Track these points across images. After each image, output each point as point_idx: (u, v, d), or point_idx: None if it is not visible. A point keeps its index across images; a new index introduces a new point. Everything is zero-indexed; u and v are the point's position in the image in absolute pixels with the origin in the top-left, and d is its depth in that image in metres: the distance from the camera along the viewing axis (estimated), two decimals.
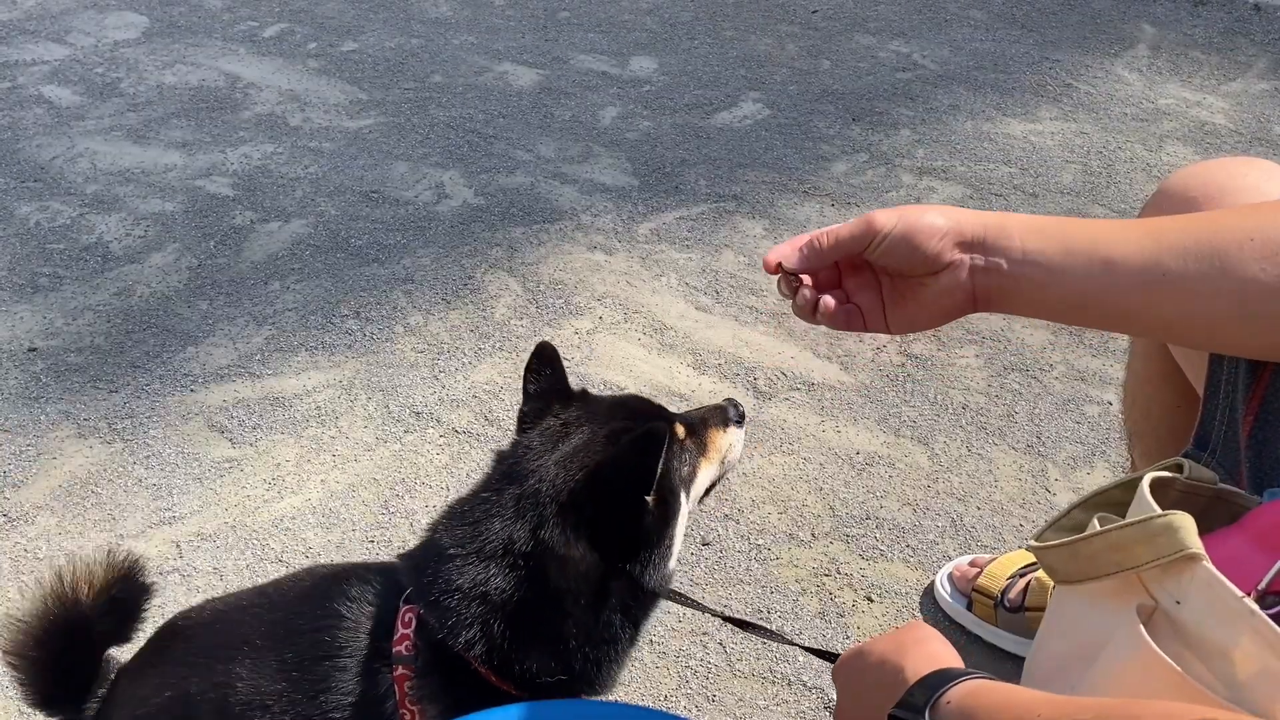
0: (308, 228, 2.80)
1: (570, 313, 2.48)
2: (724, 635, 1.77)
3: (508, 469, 1.17)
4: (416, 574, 1.14)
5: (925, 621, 1.78)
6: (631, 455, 1.08)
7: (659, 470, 1.07)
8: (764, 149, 3.10)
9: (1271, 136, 3.08)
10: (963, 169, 2.98)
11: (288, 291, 2.57)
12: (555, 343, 2.35)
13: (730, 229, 2.76)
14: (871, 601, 1.83)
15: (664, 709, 1.68)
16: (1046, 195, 2.86)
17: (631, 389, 2.26)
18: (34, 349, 2.40)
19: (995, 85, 3.40)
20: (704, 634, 1.77)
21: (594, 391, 1.29)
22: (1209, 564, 0.72)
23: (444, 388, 2.28)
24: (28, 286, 2.60)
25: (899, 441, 2.14)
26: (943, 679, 0.80)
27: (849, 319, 1.01)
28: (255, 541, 1.94)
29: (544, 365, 1.25)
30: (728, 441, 1.29)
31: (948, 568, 1.83)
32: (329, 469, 2.09)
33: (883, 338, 2.39)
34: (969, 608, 1.76)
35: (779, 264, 1.01)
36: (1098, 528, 0.81)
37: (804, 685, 1.70)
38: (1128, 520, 0.77)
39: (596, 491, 1.09)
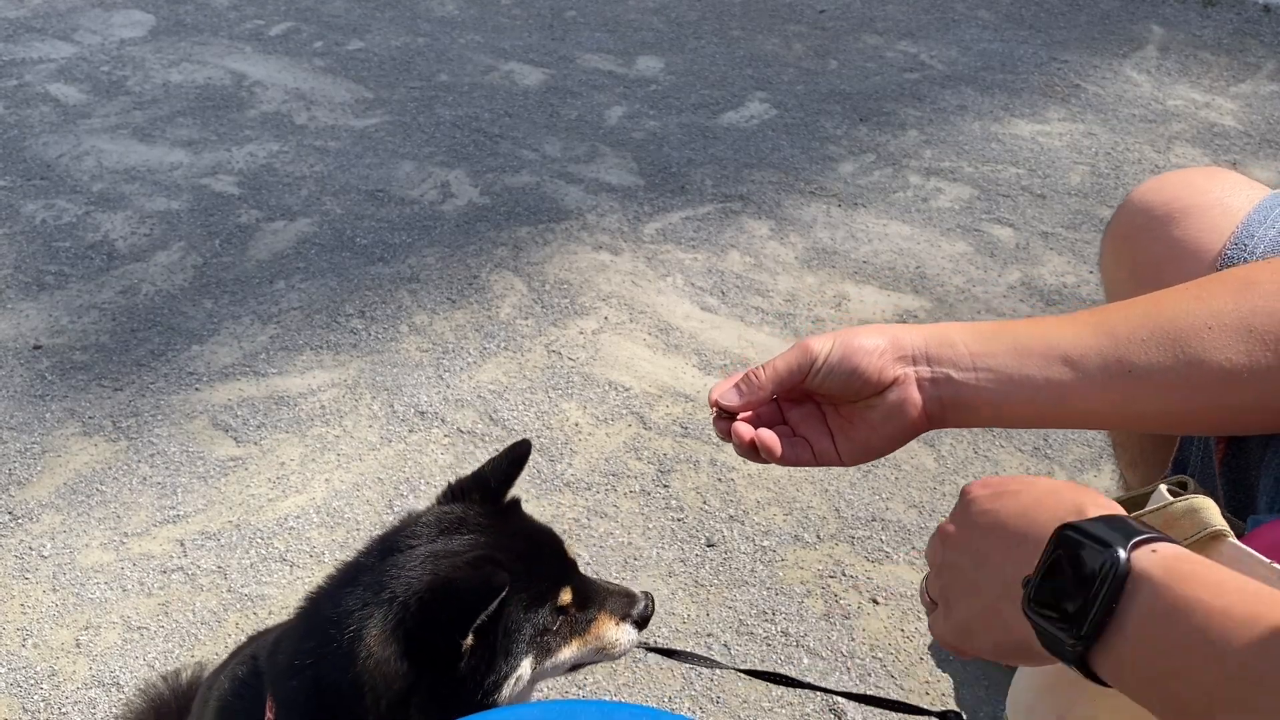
0: (313, 226, 2.80)
1: (575, 312, 2.48)
2: (728, 637, 1.76)
3: (389, 542, 1.10)
4: (269, 656, 1.10)
5: None
6: (460, 590, 1.00)
7: (478, 622, 0.99)
8: (770, 149, 3.09)
9: None
10: (970, 170, 2.97)
11: (292, 290, 2.57)
12: (560, 343, 2.36)
13: (736, 229, 2.76)
14: (876, 604, 1.82)
15: (668, 709, 1.67)
16: (1054, 196, 2.85)
17: (637, 389, 2.25)
18: (39, 347, 2.40)
19: (1003, 86, 3.39)
20: (709, 635, 1.76)
21: (527, 509, 1.22)
22: (1235, 539, 0.71)
23: (448, 387, 2.27)
24: (33, 284, 2.60)
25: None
26: (1149, 528, 0.69)
27: (796, 453, 0.93)
28: (259, 540, 1.93)
29: (513, 459, 1.18)
30: (613, 636, 1.18)
31: None
32: (333, 468, 2.09)
33: None
34: None
35: (716, 402, 0.93)
36: None
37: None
38: (1147, 509, 0.76)
39: (422, 608, 1.01)
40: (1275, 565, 0.68)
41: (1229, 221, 1.12)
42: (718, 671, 1.72)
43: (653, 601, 1.22)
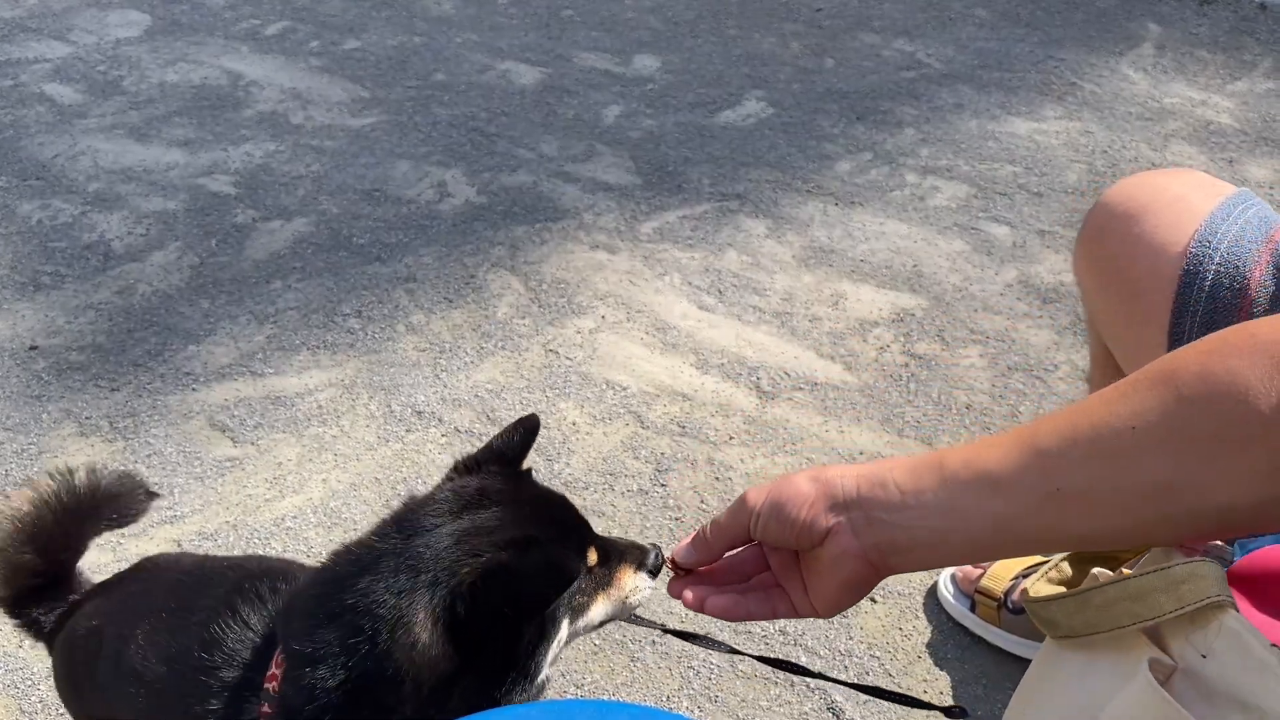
0: (309, 226, 2.80)
1: (572, 312, 2.48)
2: (726, 636, 1.76)
3: (409, 522, 1.08)
4: (286, 615, 1.09)
5: (928, 622, 1.78)
6: (533, 578, 0.99)
7: (551, 607, 1.00)
8: (767, 148, 3.09)
9: (1277, 136, 3.07)
10: (967, 168, 2.97)
11: (289, 290, 2.57)
12: (557, 342, 2.36)
13: (734, 228, 2.76)
14: (875, 602, 1.82)
15: (666, 709, 1.67)
16: (1051, 195, 2.85)
17: (634, 388, 2.25)
18: (35, 347, 2.39)
19: (1000, 84, 3.39)
20: (707, 635, 1.76)
21: (537, 477, 1.19)
22: (1237, 612, 0.68)
23: (446, 387, 2.27)
24: (29, 285, 2.59)
25: (902, 442, 2.13)
26: None
27: (773, 605, 0.92)
28: (257, 541, 1.93)
29: (522, 433, 1.17)
30: (634, 585, 1.20)
31: (950, 568, 1.82)
32: (331, 468, 2.09)
33: (886, 337, 2.38)
34: (972, 609, 1.75)
35: (673, 562, 0.95)
36: (1099, 581, 0.75)
37: (807, 686, 1.69)
38: (1146, 568, 0.72)
39: (476, 595, 0.99)
40: (1276, 647, 0.65)
41: (1192, 219, 1.14)
42: (716, 671, 1.72)
43: (661, 554, 1.21)
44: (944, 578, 1.82)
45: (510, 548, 1.02)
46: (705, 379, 2.29)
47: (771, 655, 1.73)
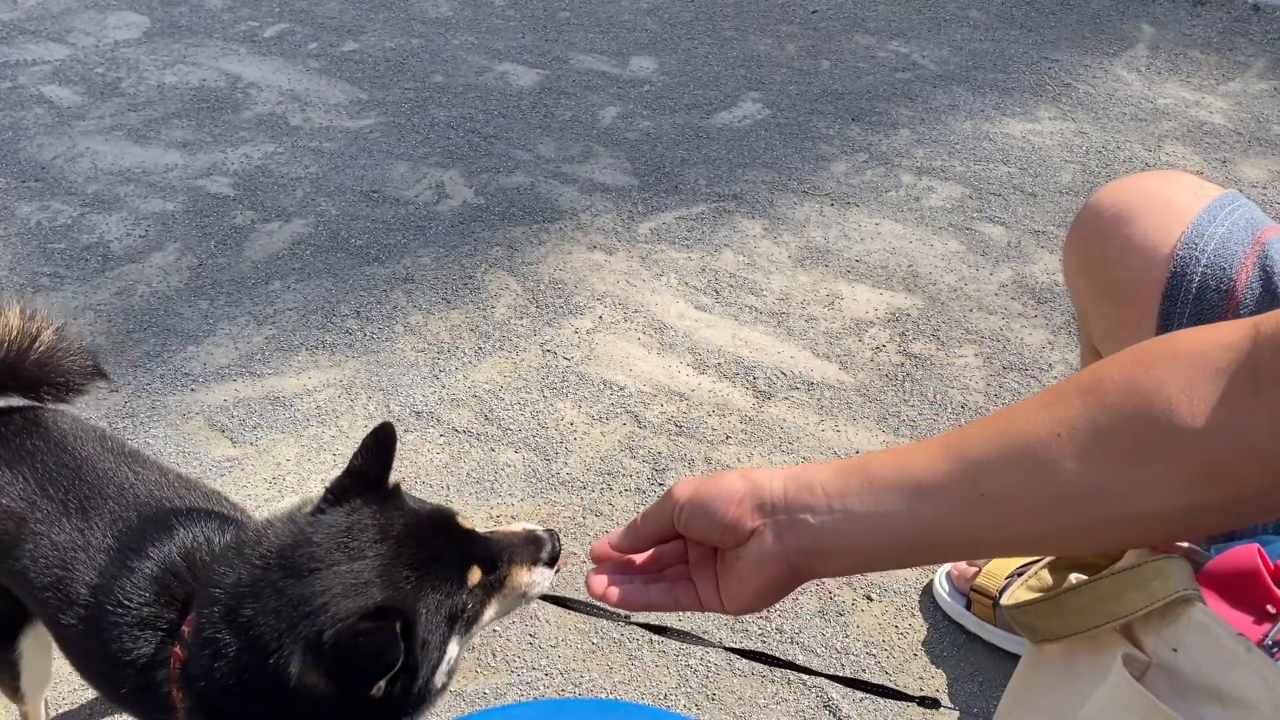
0: (308, 227, 2.81)
1: (570, 312, 2.49)
2: (723, 634, 1.77)
3: (291, 550, 1.09)
4: (207, 586, 1.12)
5: (924, 620, 1.80)
6: (361, 652, 1.01)
7: (384, 679, 1.03)
8: (764, 149, 3.11)
9: (1270, 136, 3.09)
10: (962, 169, 2.99)
11: (288, 291, 2.58)
12: (555, 342, 2.37)
13: (730, 229, 2.77)
14: (871, 600, 1.83)
15: (664, 707, 1.68)
16: (1045, 195, 2.87)
17: (631, 388, 2.26)
18: None
19: (994, 85, 3.41)
20: (703, 632, 1.77)
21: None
22: (1205, 605, 0.69)
23: (444, 387, 2.28)
24: (28, 286, 2.60)
25: (898, 441, 2.14)
26: None
27: (675, 596, 0.93)
28: None
29: (378, 447, 1.16)
30: (529, 580, 1.19)
31: (946, 566, 1.84)
32: (330, 468, 2.10)
33: (882, 336, 2.40)
34: (968, 607, 1.77)
35: (593, 554, 0.96)
36: (1073, 584, 0.77)
37: (803, 684, 1.70)
38: (1118, 568, 0.74)
39: (330, 663, 1.03)
40: (1242, 636, 0.67)
41: (1179, 221, 1.15)
42: (713, 669, 1.73)
43: (557, 538, 1.22)
44: (939, 576, 1.83)
45: (366, 622, 1.03)
46: (702, 379, 2.30)
47: (768, 652, 1.75)
